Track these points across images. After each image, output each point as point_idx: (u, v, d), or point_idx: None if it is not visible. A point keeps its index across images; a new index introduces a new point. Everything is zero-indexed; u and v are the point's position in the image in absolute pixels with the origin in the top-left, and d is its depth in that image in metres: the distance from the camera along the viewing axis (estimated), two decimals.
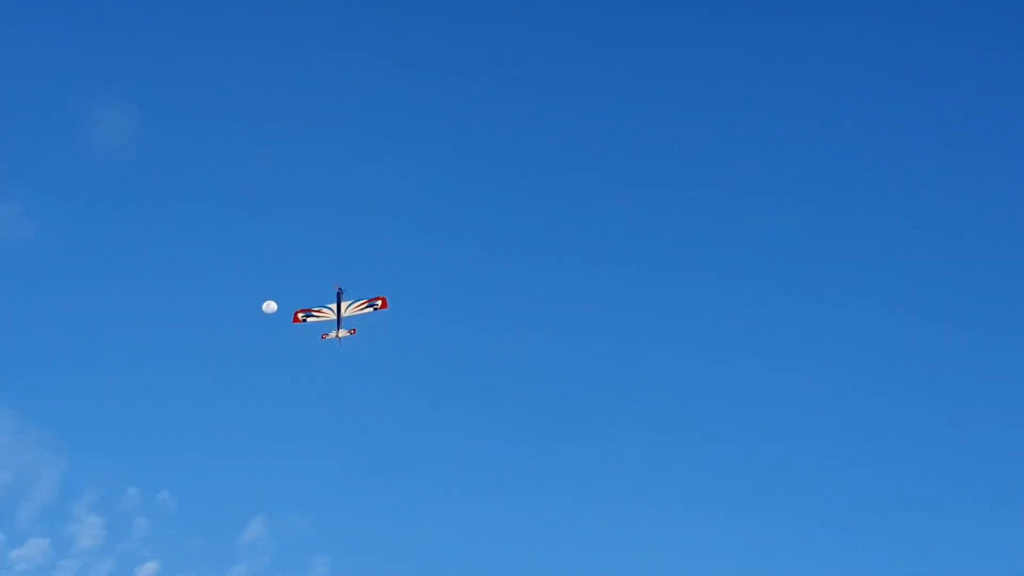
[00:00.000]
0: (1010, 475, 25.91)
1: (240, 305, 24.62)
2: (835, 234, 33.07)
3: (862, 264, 32.37)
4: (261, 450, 27.32)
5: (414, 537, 25.47)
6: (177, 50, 35.35)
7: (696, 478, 26.74)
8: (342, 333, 18.30)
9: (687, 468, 27.17)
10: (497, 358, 29.88)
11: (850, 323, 30.69)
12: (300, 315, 18.49)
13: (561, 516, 25.96)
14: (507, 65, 36.62)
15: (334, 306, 18.26)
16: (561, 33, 37.24)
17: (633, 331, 30.66)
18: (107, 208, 32.43)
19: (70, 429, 26.84)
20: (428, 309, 29.88)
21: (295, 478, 26.73)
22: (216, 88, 35.31)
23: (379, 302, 18.30)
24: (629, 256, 32.82)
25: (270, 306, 20.32)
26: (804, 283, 32.10)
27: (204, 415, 27.92)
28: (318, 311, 18.33)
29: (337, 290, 18.19)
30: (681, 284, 32.05)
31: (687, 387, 28.96)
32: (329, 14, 36.72)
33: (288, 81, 35.78)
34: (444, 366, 29.60)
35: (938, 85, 35.58)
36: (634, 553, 24.85)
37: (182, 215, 32.18)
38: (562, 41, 37.05)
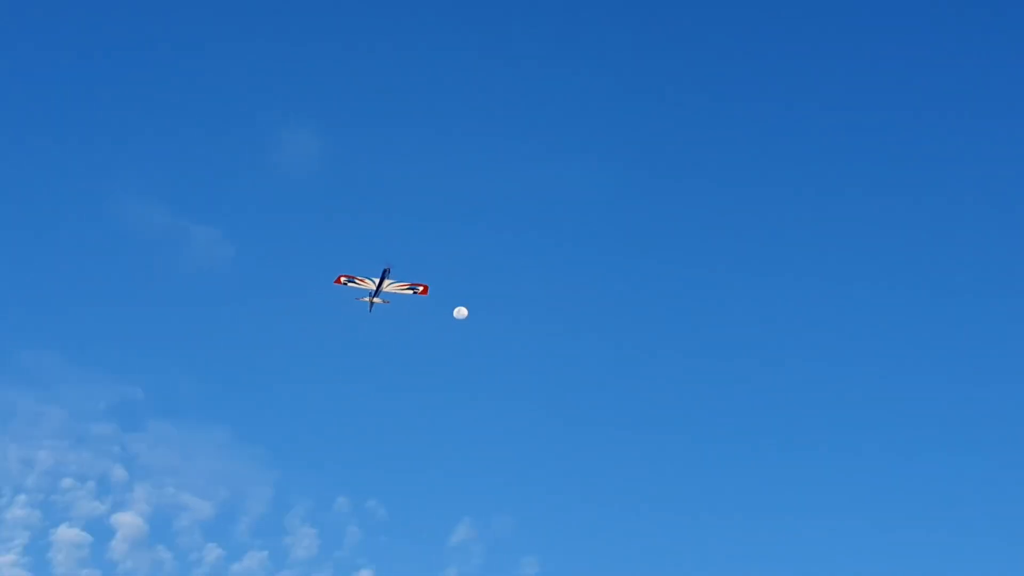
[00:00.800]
0: None
1: (429, 315, 25.12)
2: None
3: None
4: (464, 455, 28.24)
5: (621, 535, 25.80)
6: (355, 70, 37.40)
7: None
8: (376, 300, 20.27)
9: None
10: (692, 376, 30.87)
11: None
12: (343, 279, 20.34)
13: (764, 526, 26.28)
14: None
15: (376, 280, 20.07)
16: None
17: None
18: (298, 227, 33.73)
19: (280, 444, 28.10)
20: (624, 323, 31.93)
21: (499, 480, 27.47)
22: (393, 105, 37.03)
23: (420, 287, 20.30)
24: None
25: (461, 312, 23.17)
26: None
27: (405, 425, 28.76)
28: (360, 280, 20.25)
29: (385, 268, 19.95)
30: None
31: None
32: (499, 29, 39.27)
33: (465, 95, 37.47)
34: (645, 382, 30.40)
35: None
36: None
37: (368, 230, 33.05)
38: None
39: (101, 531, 25.55)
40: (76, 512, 25.73)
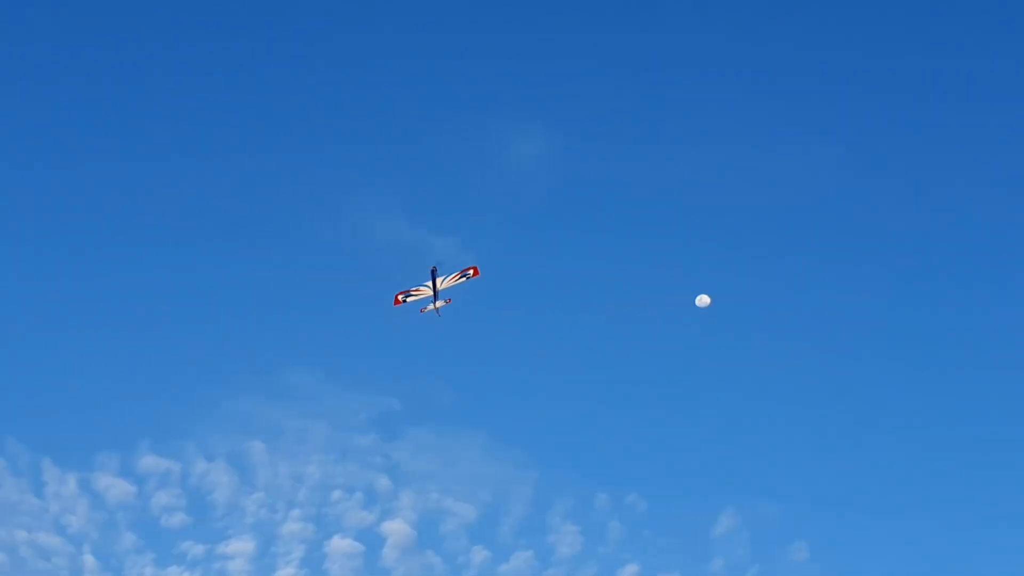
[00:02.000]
0: None
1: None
2: None
3: None
4: (722, 442, 28.06)
5: (890, 515, 25.34)
6: (581, 72, 36.89)
7: None
8: (439, 304, 19.58)
9: None
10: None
11: None
12: (400, 297, 19.88)
13: None
14: None
15: (429, 283, 19.41)
16: None
17: None
18: (533, 233, 33.66)
19: (537, 445, 28.44)
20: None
21: (760, 466, 27.26)
22: (618, 109, 36.37)
23: (471, 271, 19.60)
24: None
25: (703, 300, 23.40)
26: None
27: (660, 417, 28.70)
28: (415, 290, 19.65)
29: (432, 269, 19.31)
30: None
31: None
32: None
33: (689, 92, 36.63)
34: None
35: None
36: None
37: (601, 230, 33.10)
38: None
39: (372, 540, 26.48)
40: (347, 523, 26.78)
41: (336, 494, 26.95)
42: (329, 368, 29.14)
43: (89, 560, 25.59)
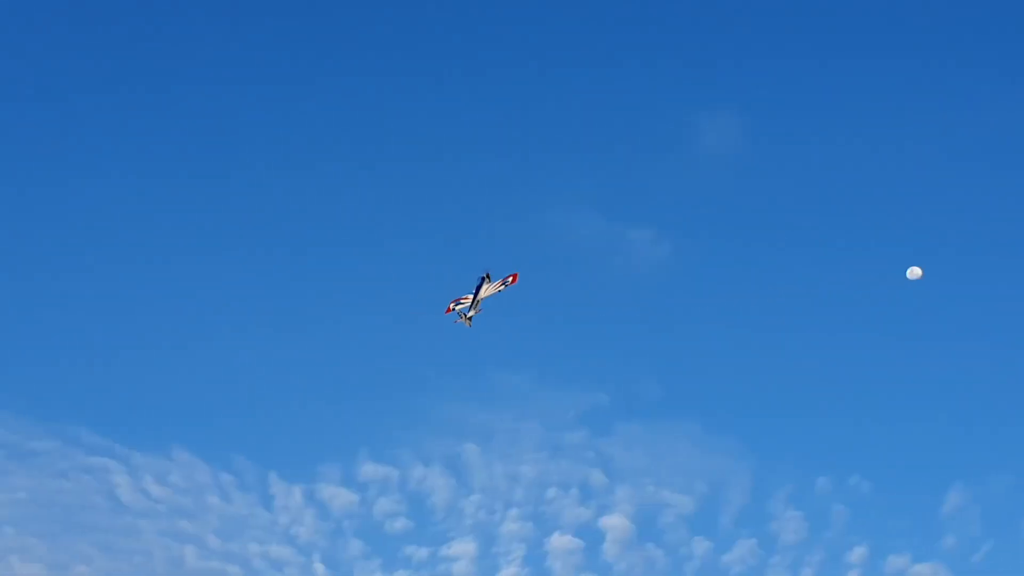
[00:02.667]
0: None
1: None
2: None
3: None
4: (944, 414, 27.59)
5: None
6: (773, 53, 36.08)
7: None
8: (472, 314, 18.40)
9: None
10: None
11: None
12: (453, 305, 18.87)
13: None
14: None
15: (477, 289, 18.38)
16: None
17: None
18: (728, 217, 33.32)
19: (752, 432, 28.44)
20: None
21: (989, 437, 26.90)
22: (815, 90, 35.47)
23: (510, 279, 18.33)
24: None
25: (915, 272, 23.28)
26: None
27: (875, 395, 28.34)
28: (464, 298, 18.59)
29: (485, 276, 18.26)
30: None
31: None
32: None
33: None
34: None
35: None
36: None
37: (803, 220, 32.29)
38: None
39: (591, 535, 26.67)
40: (565, 520, 27.05)
41: (552, 492, 27.35)
42: (537, 368, 29.60)
43: (320, 569, 26.36)
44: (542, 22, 37.86)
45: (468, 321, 18.73)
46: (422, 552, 26.50)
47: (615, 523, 26.71)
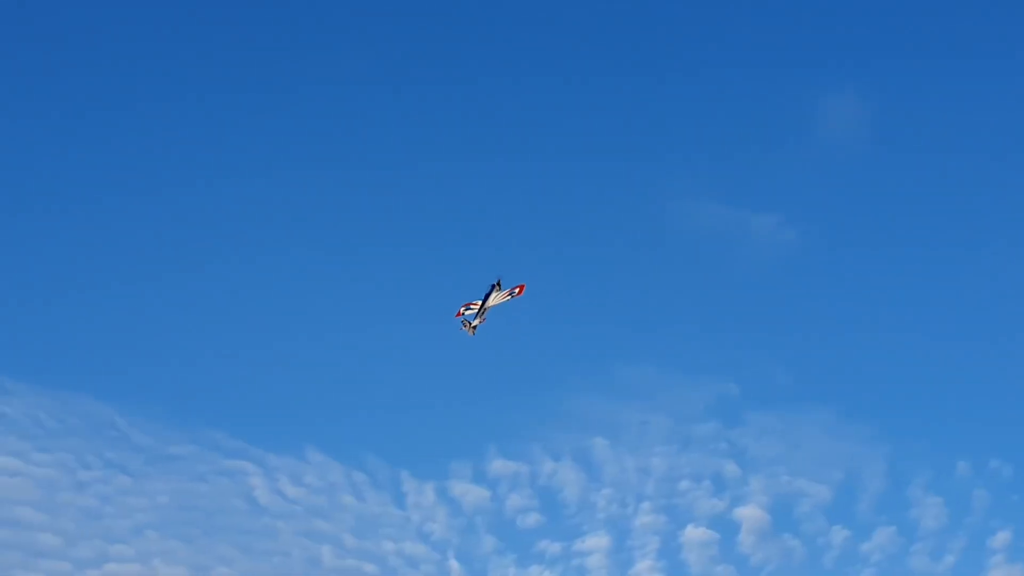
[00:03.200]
0: None
1: None
2: None
3: None
4: None
5: None
6: (895, 36, 35.91)
7: None
8: (476, 322, 18.06)
9: None
10: None
11: None
12: (463, 310, 18.71)
13: None
14: None
15: (486, 296, 18.06)
16: None
17: None
18: (852, 205, 33.06)
19: (888, 418, 28.12)
20: None
21: None
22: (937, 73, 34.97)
23: (517, 289, 18.11)
24: None
25: None
26: None
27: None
28: (474, 304, 18.33)
29: (496, 283, 18.00)
30: None
31: None
32: None
33: None
34: None
35: None
36: None
37: (929, 196, 32.11)
38: None
39: (726, 527, 26.58)
40: (699, 512, 26.96)
41: (684, 484, 27.27)
42: (663, 360, 29.61)
43: (454, 565, 26.52)
44: (663, 13, 38.30)
45: (472, 330, 18.34)
46: (555, 547, 26.58)
47: (750, 514, 26.61)
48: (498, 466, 27.69)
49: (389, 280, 33.46)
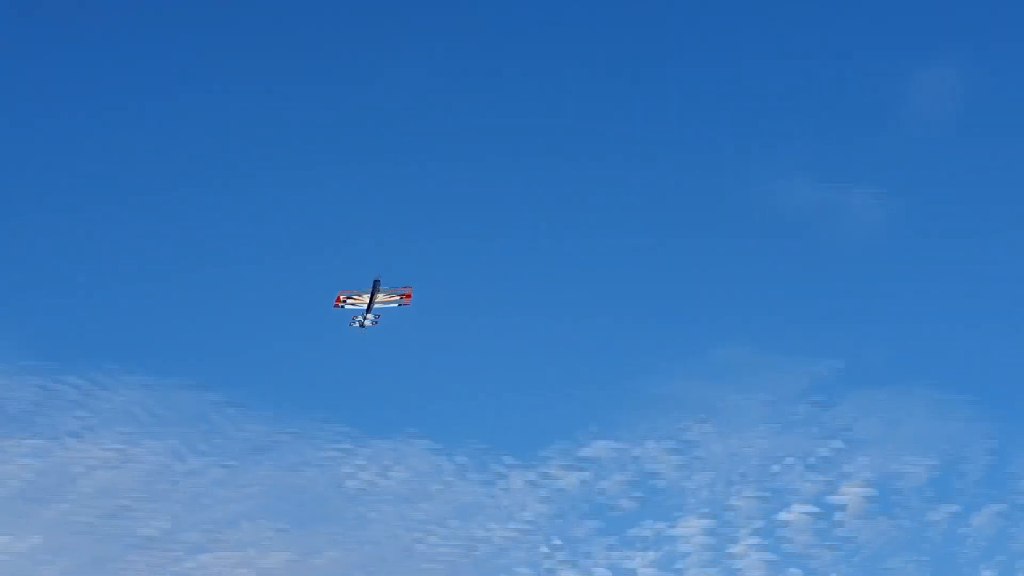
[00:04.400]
0: None
1: None
2: None
3: None
4: None
5: None
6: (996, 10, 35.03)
7: None
8: (369, 319, 17.91)
9: None
10: None
11: None
12: (341, 298, 18.62)
13: None
14: None
15: (368, 292, 18.11)
16: None
17: None
18: (948, 178, 32.38)
19: (995, 392, 27.92)
20: None
21: None
22: None
23: (405, 296, 18.18)
24: None
25: None
26: None
27: None
28: (356, 296, 18.36)
29: (376, 280, 18.24)
30: None
31: None
32: None
33: None
34: None
35: None
36: None
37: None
38: None
39: (827, 507, 26.32)
40: (799, 492, 26.69)
41: (783, 463, 26.98)
42: (760, 340, 29.21)
43: (551, 549, 26.37)
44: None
45: (363, 328, 18.16)
46: (652, 529, 26.45)
47: (852, 493, 26.32)
48: (595, 449, 27.62)
49: (488, 266, 33.56)
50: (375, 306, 18.14)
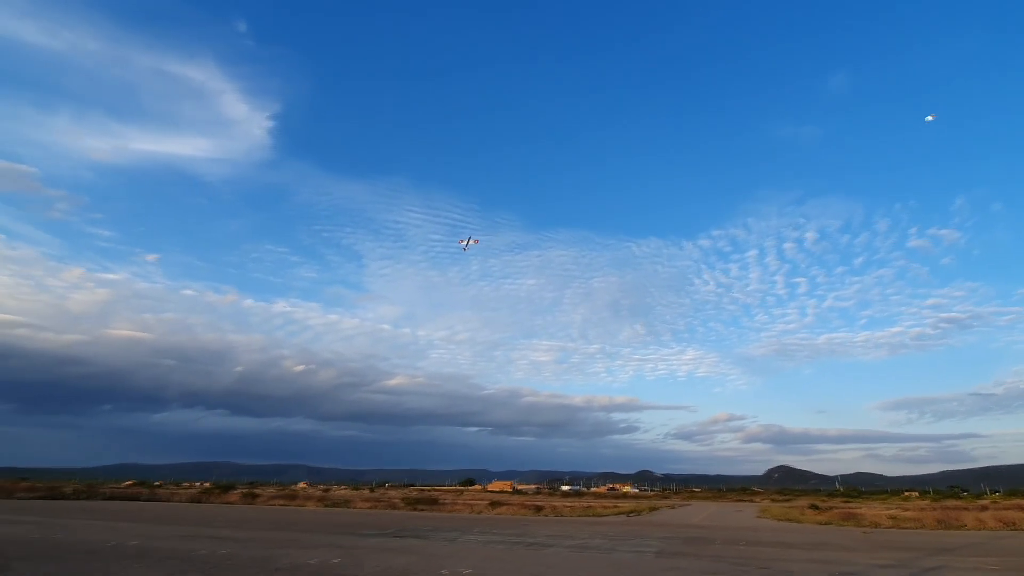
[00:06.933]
0: None
1: None
2: None
3: None
4: None
5: None
6: None
7: None
8: (473, 241, 60.80)
9: None
10: None
11: None
12: (461, 243, 60.68)
13: None
14: None
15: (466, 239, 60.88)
16: None
17: None
18: None
19: None
20: None
21: None
22: None
23: (476, 239, 62.25)
24: None
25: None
26: None
27: None
28: (463, 240, 60.68)
29: (475, 240, 61.09)
30: None
31: None
32: None
33: None
34: None
35: None
36: None
37: None
38: None
39: None
40: None
41: None
42: None
43: None
44: None
45: (466, 247, 61.29)
46: None
47: None
48: None
49: None
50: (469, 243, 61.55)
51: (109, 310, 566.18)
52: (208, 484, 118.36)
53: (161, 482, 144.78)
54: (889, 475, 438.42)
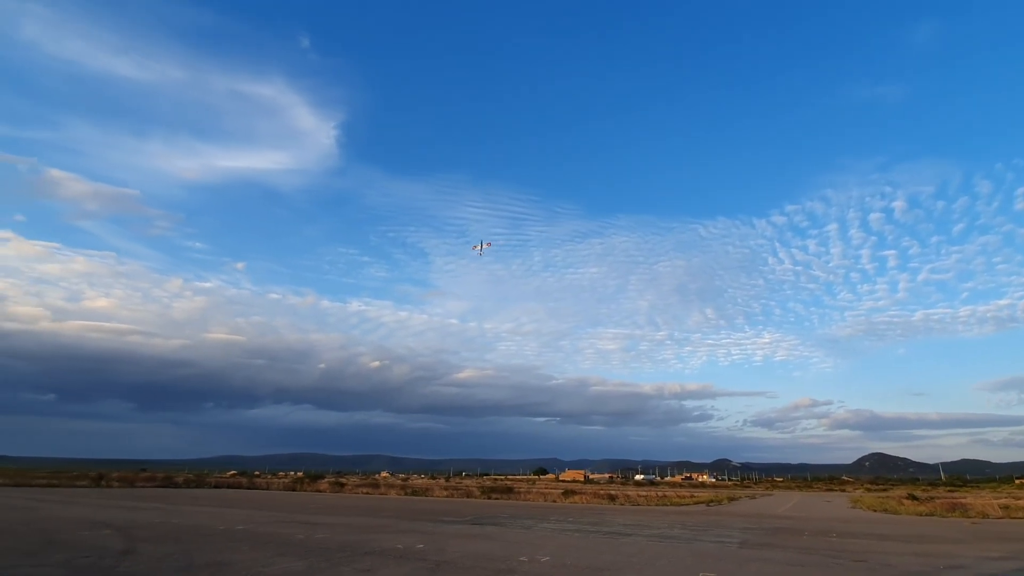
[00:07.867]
0: None
1: None
2: None
3: None
4: None
5: None
6: None
7: None
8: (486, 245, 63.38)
9: None
10: None
11: None
12: (475, 248, 62.22)
13: None
14: None
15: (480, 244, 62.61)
16: None
17: None
18: None
19: None
20: None
21: None
22: None
23: (488, 243, 65.31)
24: None
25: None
26: None
27: None
28: (476, 246, 62.27)
29: (487, 244, 64.35)
30: None
31: None
32: None
33: None
34: None
35: None
36: None
37: None
38: None
39: None
40: None
41: None
42: None
43: None
44: None
45: (480, 251, 61.88)
46: None
47: None
48: None
49: None
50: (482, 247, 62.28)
51: (207, 316, 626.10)
52: (299, 474, 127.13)
53: (258, 472, 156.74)
54: (998, 461, 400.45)
